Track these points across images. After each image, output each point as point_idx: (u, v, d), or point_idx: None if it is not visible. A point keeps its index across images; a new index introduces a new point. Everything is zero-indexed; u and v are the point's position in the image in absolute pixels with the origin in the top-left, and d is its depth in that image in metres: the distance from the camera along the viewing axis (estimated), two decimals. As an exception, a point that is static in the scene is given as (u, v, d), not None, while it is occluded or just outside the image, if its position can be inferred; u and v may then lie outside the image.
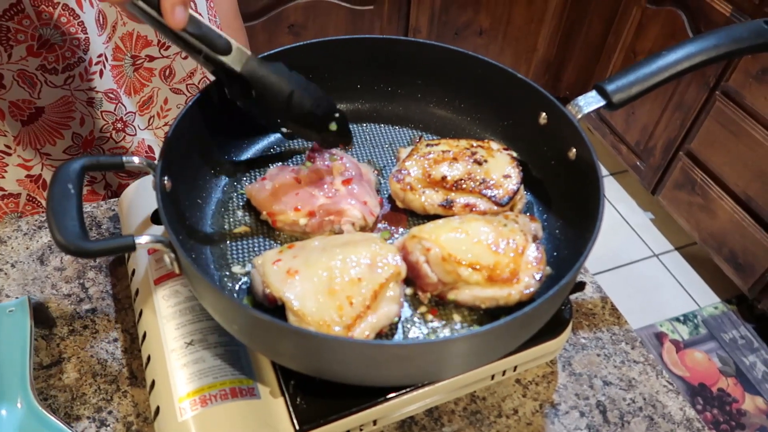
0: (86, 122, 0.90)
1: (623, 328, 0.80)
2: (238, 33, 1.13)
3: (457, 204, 0.71)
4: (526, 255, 0.63)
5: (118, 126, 0.94)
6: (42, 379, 0.71)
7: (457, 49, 0.78)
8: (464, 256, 0.62)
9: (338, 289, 0.58)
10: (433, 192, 0.72)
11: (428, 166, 0.73)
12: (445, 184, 0.72)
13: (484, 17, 2.30)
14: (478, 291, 0.61)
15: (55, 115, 0.87)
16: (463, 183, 0.72)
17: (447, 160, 0.73)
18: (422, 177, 0.72)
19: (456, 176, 0.72)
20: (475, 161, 0.73)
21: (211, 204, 0.72)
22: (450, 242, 0.63)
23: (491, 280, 0.61)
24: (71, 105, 0.88)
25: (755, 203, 1.92)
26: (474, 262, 0.61)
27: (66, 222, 0.53)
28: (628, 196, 2.56)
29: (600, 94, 0.70)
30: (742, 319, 2.15)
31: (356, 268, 0.60)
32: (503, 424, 0.70)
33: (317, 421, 0.60)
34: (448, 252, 0.62)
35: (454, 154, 0.74)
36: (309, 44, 0.78)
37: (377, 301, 0.58)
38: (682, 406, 0.72)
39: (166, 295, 0.68)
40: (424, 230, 0.65)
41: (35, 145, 0.89)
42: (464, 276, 0.61)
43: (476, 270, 0.61)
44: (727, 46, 0.71)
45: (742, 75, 1.86)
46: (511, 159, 0.74)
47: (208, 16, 1.00)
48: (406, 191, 0.72)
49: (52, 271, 0.81)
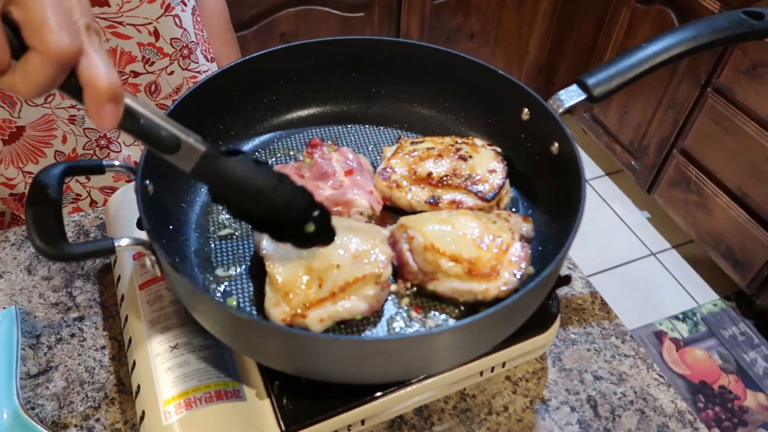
0: (68, 140, 0.90)
1: (613, 322, 0.79)
2: (228, 45, 1.13)
3: (443, 200, 0.71)
4: (509, 253, 0.63)
5: (101, 143, 0.94)
6: (29, 389, 0.71)
7: (438, 47, 0.78)
8: (446, 247, 0.62)
9: (315, 268, 0.59)
10: (420, 189, 0.72)
11: (413, 163, 0.73)
12: (431, 180, 0.72)
13: (474, 21, 2.30)
14: (457, 283, 0.61)
15: (37, 134, 0.87)
16: (449, 179, 0.72)
17: (432, 157, 0.74)
18: (408, 174, 0.73)
19: (441, 172, 0.72)
20: (460, 157, 0.73)
21: (195, 207, 0.72)
22: (434, 233, 0.63)
23: (470, 273, 0.61)
24: (52, 123, 0.87)
25: (750, 199, 1.92)
26: (455, 255, 0.61)
27: (45, 227, 0.53)
28: (624, 196, 2.56)
29: (581, 87, 0.70)
30: (741, 316, 2.14)
31: (342, 254, 0.60)
32: (494, 422, 0.69)
33: (304, 422, 0.60)
34: (431, 242, 0.62)
35: (439, 150, 0.74)
36: (292, 47, 0.78)
37: (346, 293, 0.58)
38: (673, 399, 0.72)
39: (151, 299, 0.68)
40: (412, 219, 0.65)
41: (17, 164, 0.89)
42: (444, 267, 0.61)
43: (457, 262, 0.61)
44: (707, 36, 0.71)
45: (733, 71, 1.87)
46: (496, 154, 0.74)
47: (195, 31, 0.99)
48: (392, 189, 0.72)
49: (39, 281, 0.81)
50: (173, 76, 0.98)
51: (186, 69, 0.99)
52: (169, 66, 0.95)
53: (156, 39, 0.91)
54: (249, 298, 0.65)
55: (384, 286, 0.62)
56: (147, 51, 0.91)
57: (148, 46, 0.91)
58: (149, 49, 0.91)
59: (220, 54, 1.10)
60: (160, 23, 0.91)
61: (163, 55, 0.94)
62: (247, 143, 0.81)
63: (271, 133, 0.82)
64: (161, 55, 0.93)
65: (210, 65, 1.06)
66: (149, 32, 0.90)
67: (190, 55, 0.98)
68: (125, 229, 0.75)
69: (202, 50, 1.02)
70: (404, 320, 0.63)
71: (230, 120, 0.79)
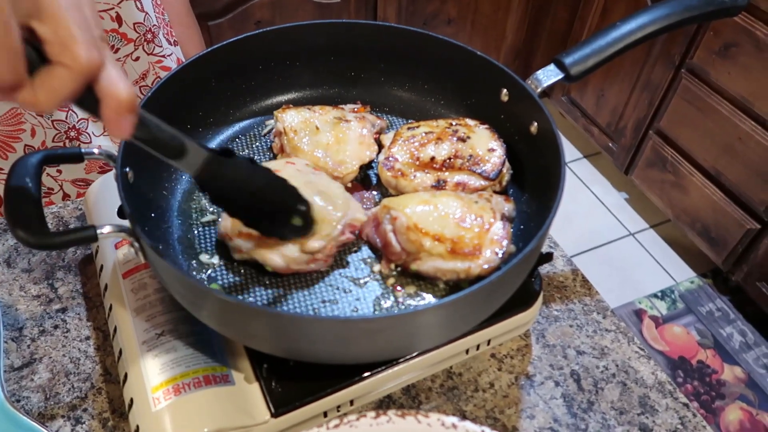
0: (37, 133, 0.89)
1: (594, 298, 0.81)
2: (190, 29, 1.11)
3: (449, 183, 0.71)
4: (491, 232, 0.64)
5: (71, 134, 0.92)
6: (14, 381, 0.70)
7: (415, 29, 0.78)
8: (429, 227, 0.62)
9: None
10: (424, 174, 0.72)
11: (415, 149, 0.73)
12: (435, 164, 0.72)
13: (451, 6, 2.30)
14: (440, 263, 0.62)
15: (5, 129, 0.86)
16: (452, 161, 0.72)
17: (432, 141, 0.73)
18: (411, 161, 0.72)
19: (444, 155, 0.72)
20: (459, 138, 0.73)
21: (177, 194, 0.72)
22: (417, 213, 0.64)
23: (453, 252, 0.61)
24: (20, 117, 0.86)
25: (725, 177, 1.96)
26: (438, 234, 0.62)
27: (25, 216, 0.53)
28: (602, 178, 2.60)
29: (558, 67, 0.70)
30: (717, 292, 2.19)
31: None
32: (480, 398, 0.71)
33: (293, 404, 0.60)
34: (414, 222, 0.62)
35: (437, 134, 0.74)
36: (269, 31, 0.77)
37: (271, 242, 0.63)
38: (653, 371, 0.74)
39: (135, 288, 0.67)
40: (395, 201, 0.66)
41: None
42: (427, 247, 0.62)
43: (439, 241, 0.62)
44: (679, 14, 0.72)
45: (706, 52, 1.90)
46: (492, 132, 0.74)
47: (156, 14, 0.98)
48: (398, 178, 0.72)
49: (19, 273, 0.80)
50: (139, 62, 0.97)
51: (151, 54, 0.97)
52: (134, 52, 0.94)
53: (119, 24, 0.90)
54: (233, 283, 0.65)
55: (316, 259, 0.64)
56: (111, 38, 0.90)
57: (111, 33, 0.90)
58: (113, 35, 0.90)
59: (181, 38, 1.09)
60: (122, 8, 0.89)
61: (127, 41, 0.93)
62: (227, 129, 0.80)
63: (251, 119, 0.82)
64: (125, 41, 0.92)
65: (173, 49, 1.04)
66: (111, 18, 0.89)
67: (154, 39, 0.97)
68: (106, 218, 0.74)
69: (164, 33, 1.01)
70: (390, 300, 0.64)
71: (209, 106, 0.78)
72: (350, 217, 0.66)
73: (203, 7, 1.90)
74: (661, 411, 0.70)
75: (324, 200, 0.65)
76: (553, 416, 0.70)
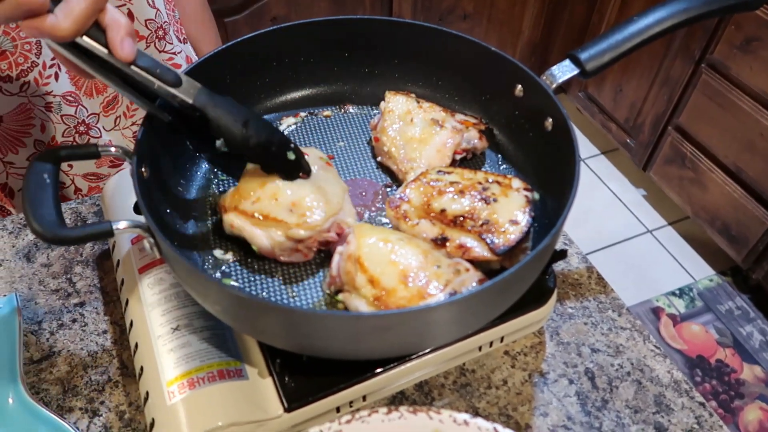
0: (47, 128, 0.90)
1: (609, 296, 0.80)
2: (206, 25, 1.11)
3: (451, 243, 0.64)
4: (426, 300, 0.58)
5: (80, 129, 0.93)
6: (33, 374, 0.71)
7: (430, 25, 0.78)
8: (371, 265, 0.59)
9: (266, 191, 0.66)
10: (429, 224, 0.66)
11: (431, 195, 0.67)
12: (444, 218, 0.65)
13: (467, 1, 2.29)
14: (362, 306, 0.59)
15: (15, 124, 0.87)
16: (463, 221, 0.65)
17: (452, 192, 0.67)
18: (420, 205, 0.67)
19: (457, 211, 0.65)
20: (483, 199, 0.66)
21: (192, 191, 0.72)
22: (369, 246, 0.60)
23: (378, 301, 0.57)
24: (30, 112, 0.87)
25: (745, 174, 1.93)
26: (374, 277, 0.58)
27: (42, 211, 0.54)
28: (620, 174, 2.57)
29: (573, 62, 0.70)
30: (737, 290, 2.15)
31: (289, 194, 0.66)
32: (493, 395, 0.70)
33: (306, 399, 0.61)
34: (359, 254, 0.60)
35: (463, 186, 0.68)
36: (284, 28, 0.77)
37: (262, 223, 0.64)
38: (669, 369, 0.73)
39: (151, 283, 0.68)
40: (365, 226, 0.64)
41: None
42: (357, 283, 0.59)
43: (371, 284, 0.58)
44: (699, 8, 0.71)
45: (727, 46, 1.86)
46: (527, 202, 0.66)
47: (166, 10, 0.98)
48: (399, 219, 0.67)
49: (39, 268, 0.82)
50: None
51: (162, 51, 0.98)
52: (146, 49, 0.94)
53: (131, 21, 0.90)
54: (247, 279, 0.65)
55: (298, 249, 0.65)
56: None
57: None
58: None
59: (197, 35, 1.09)
60: (134, 4, 0.90)
61: (139, 38, 0.93)
62: (242, 126, 0.81)
63: (265, 115, 0.82)
64: (137, 38, 0.92)
65: (183, 46, 1.04)
66: (123, 14, 0.89)
67: (165, 36, 0.97)
68: (122, 214, 0.75)
69: (174, 30, 1.01)
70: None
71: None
72: (340, 217, 0.66)
73: (220, 4, 1.91)
74: (677, 410, 0.70)
75: (325, 186, 0.66)
76: (567, 414, 0.69)
